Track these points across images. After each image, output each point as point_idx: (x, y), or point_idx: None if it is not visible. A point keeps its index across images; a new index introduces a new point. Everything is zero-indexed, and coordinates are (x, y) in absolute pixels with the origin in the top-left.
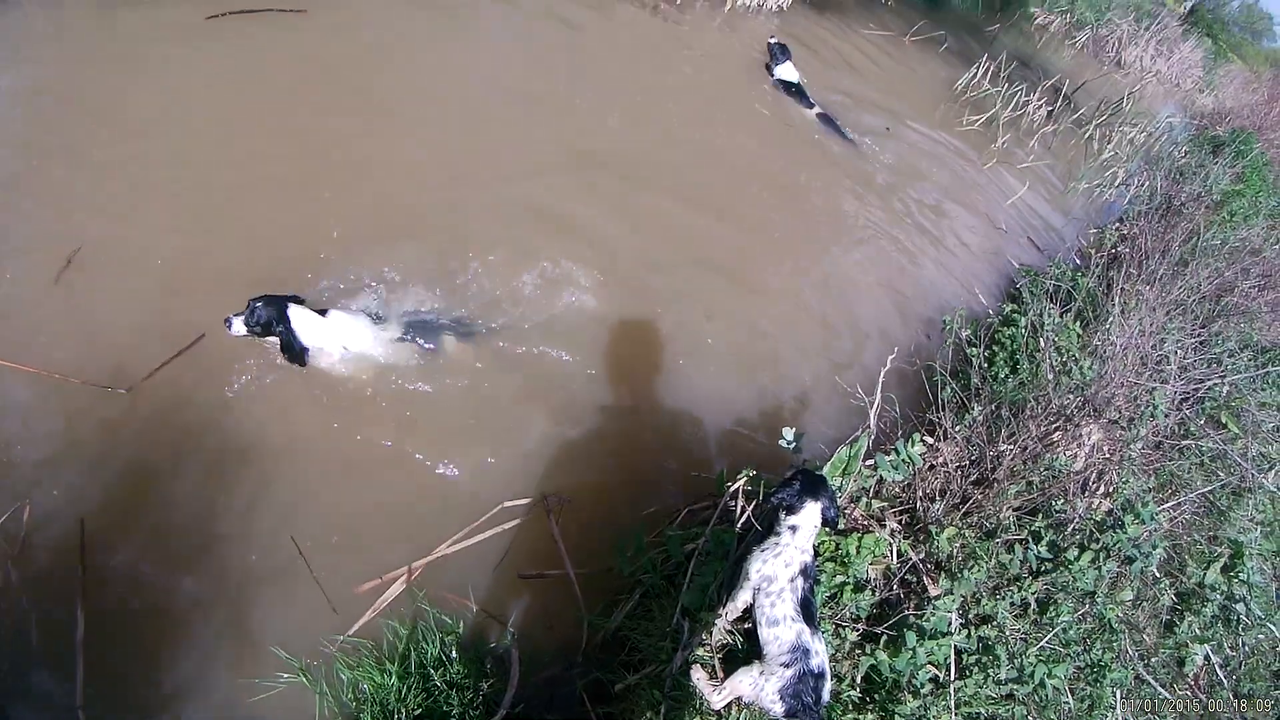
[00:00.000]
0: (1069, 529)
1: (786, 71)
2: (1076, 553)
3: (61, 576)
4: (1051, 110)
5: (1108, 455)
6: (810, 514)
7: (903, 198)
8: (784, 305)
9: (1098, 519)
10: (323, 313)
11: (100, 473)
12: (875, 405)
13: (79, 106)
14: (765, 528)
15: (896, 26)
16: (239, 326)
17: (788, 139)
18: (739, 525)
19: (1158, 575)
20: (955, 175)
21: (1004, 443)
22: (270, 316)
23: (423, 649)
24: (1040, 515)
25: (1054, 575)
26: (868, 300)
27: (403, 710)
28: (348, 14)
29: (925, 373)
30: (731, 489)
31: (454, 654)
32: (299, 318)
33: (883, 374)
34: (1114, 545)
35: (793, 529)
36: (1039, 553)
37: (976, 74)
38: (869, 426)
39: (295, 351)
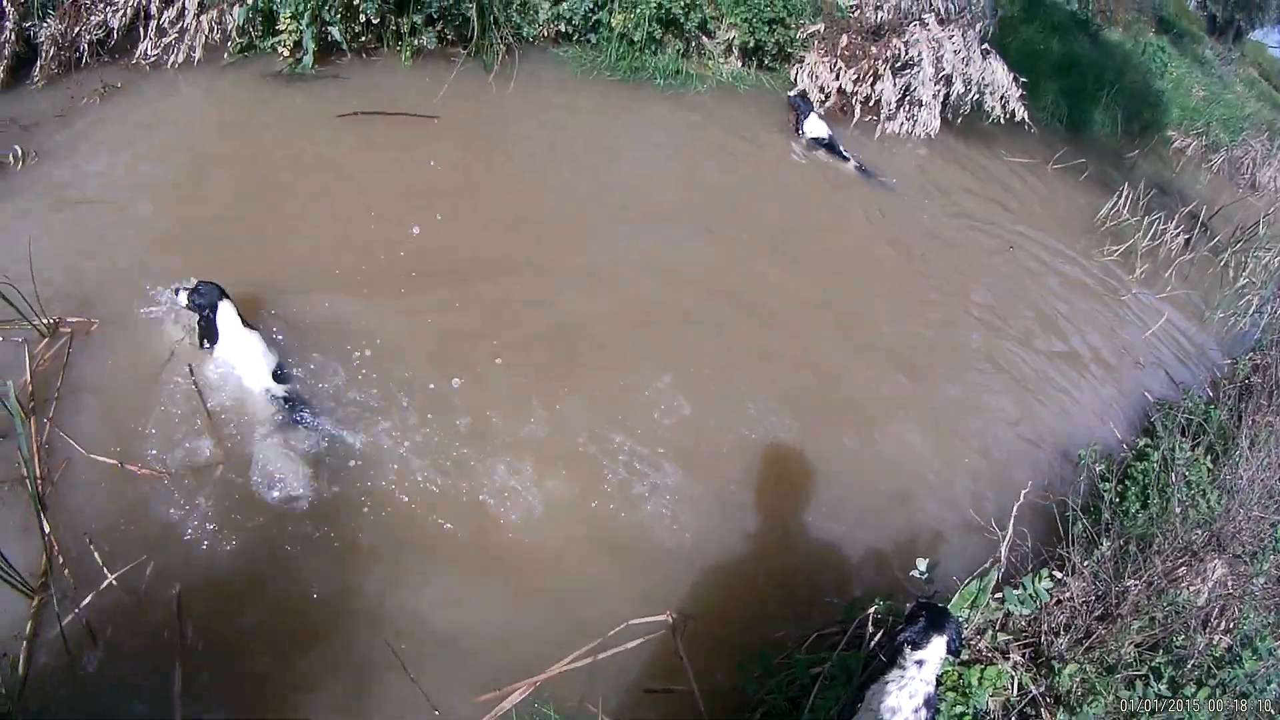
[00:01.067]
0: (1189, 665)
1: (816, 127)
2: (1194, 689)
3: (169, 632)
4: (1189, 239)
5: (1230, 590)
6: (936, 648)
7: (1038, 329)
8: (916, 434)
9: (1216, 654)
10: (247, 324)
11: (222, 539)
12: (1007, 539)
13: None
14: (889, 658)
15: (1040, 154)
16: (182, 298)
17: (918, 263)
18: (865, 651)
19: (1273, 712)
20: (1093, 306)
21: (1130, 578)
22: (208, 302)
23: None
24: (1161, 651)
25: (1170, 711)
26: (1000, 431)
27: None
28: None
29: (1058, 507)
30: (860, 616)
31: None
32: (226, 312)
33: (1015, 508)
34: (1230, 681)
35: (919, 663)
36: (1159, 690)
37: (1117, 203)
38: (999, 560)
39: (209, 336)
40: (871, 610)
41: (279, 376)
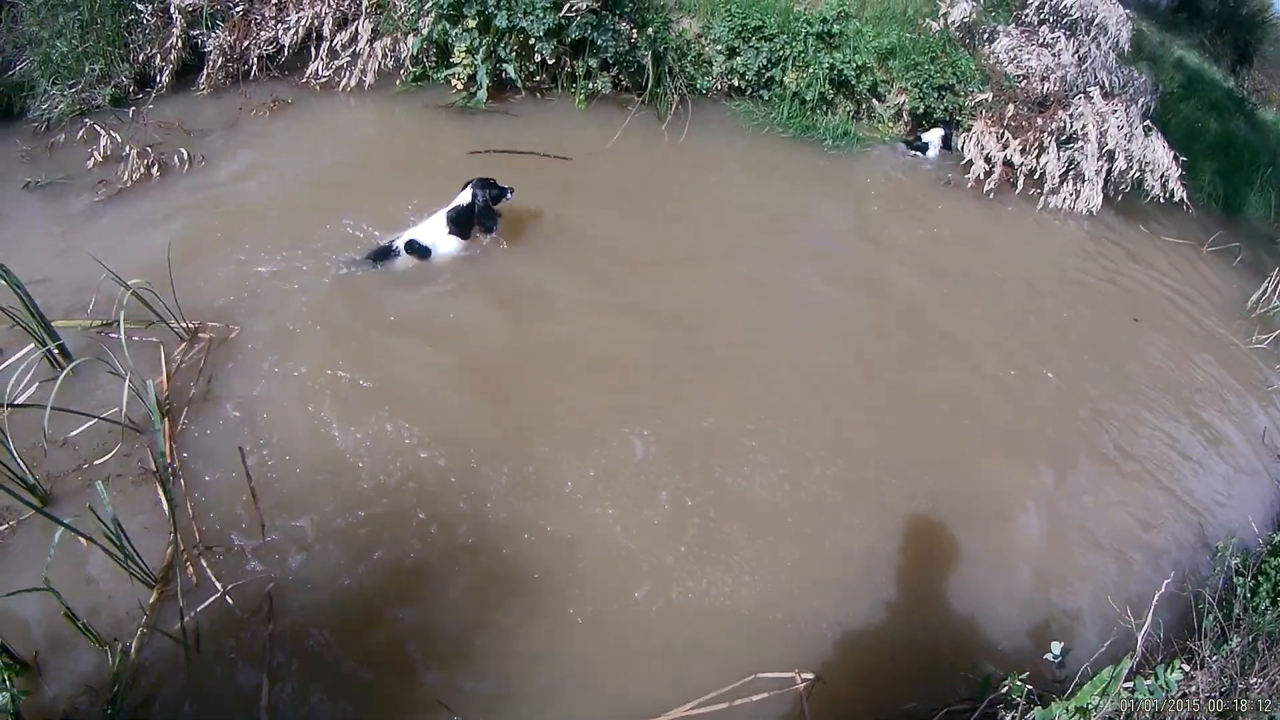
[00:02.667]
0: None
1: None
2: None
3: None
4: None
5: None
6: None
7: (1183, 416)
8: (1056, 519)
9: None
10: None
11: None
12: (1144, 629)
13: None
14: None
15: (1195, 235)
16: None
17: (1075, 343)
18: None
19: None
20: (1239, 395)
21: (1255, 676)
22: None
23: None
24: None
25: None
26: (1140, 521)
27: None
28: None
29: (1194, 600)
30: (992, 695)
31: None
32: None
33: (1155, 599)
34: None
35: None
36: None
37: (1268, 289)
38: (1135, 650)
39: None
40: (1004, 689)
41: None
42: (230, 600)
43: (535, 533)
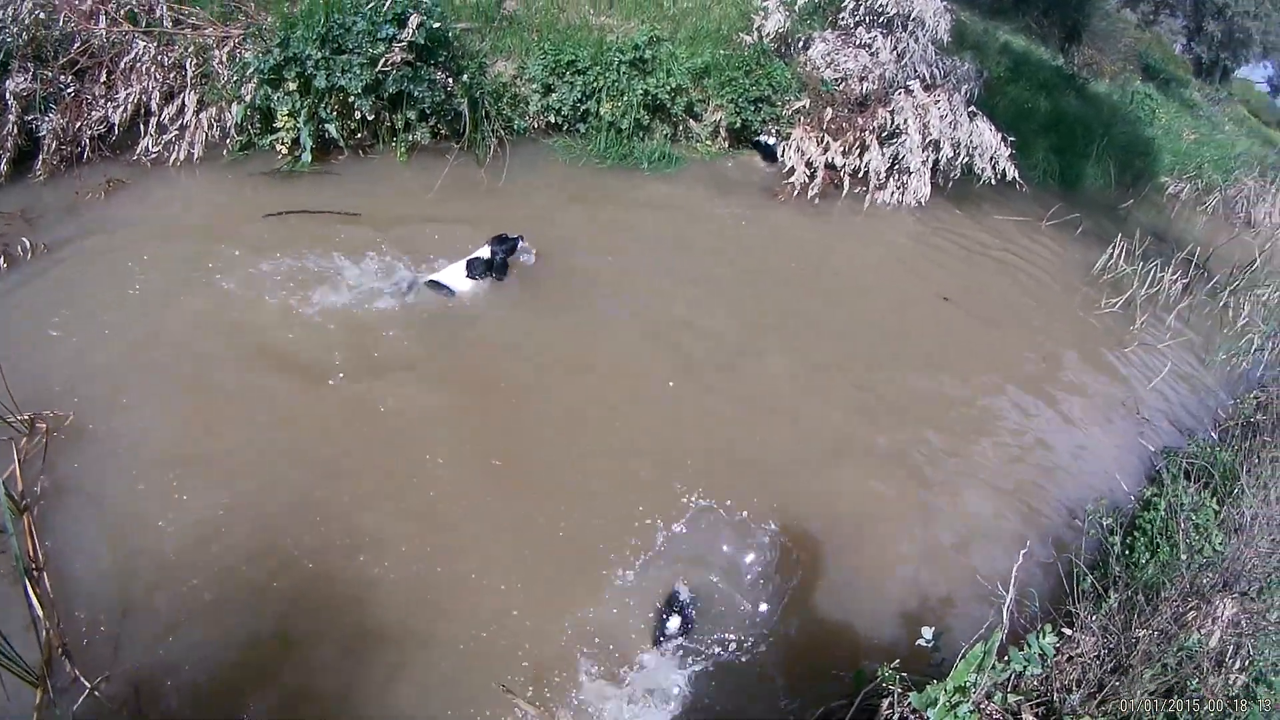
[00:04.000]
0: (1205, 708)
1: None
2: None
3: None
4: (1187, 284)
5: (1242, 628)
6: None
7: (1041, 389)
8: (918, 504)
9: (1232, 694)
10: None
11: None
12: (1008, 600)
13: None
14: None
15: (1033, 212)
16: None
17: (929, 331)
18: (882, 717)
19: None
20: (1096, 362)
21: (1139, 628)
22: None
23: None
24: (1176, 695)
25: None
26: (1006, 494)
27: None
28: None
29: (1064, 565)
30: (867, 688)
31: None
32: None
33: (1015, 569)
34: (1247, 718)
35: None
36: None
37: (1112, 255)
38: (1003, 622)
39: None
40: (877, 680)
41: None
42: (99, 694)
43: (393, 587)
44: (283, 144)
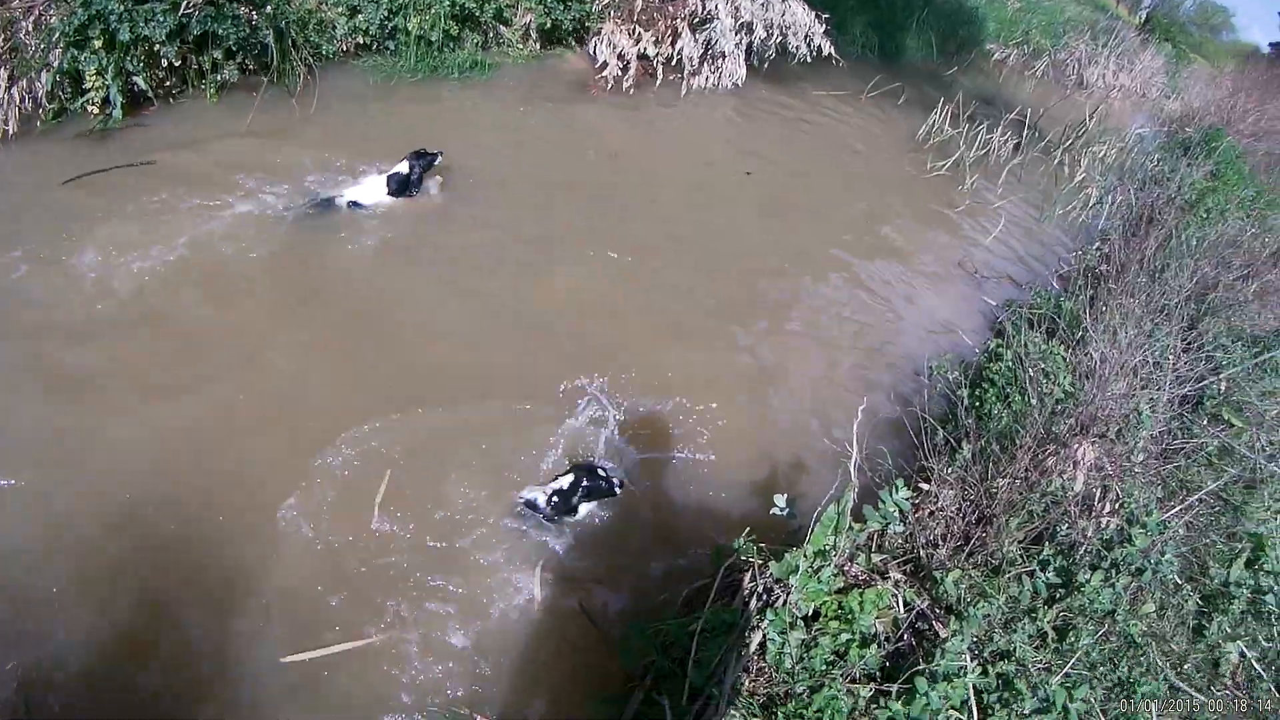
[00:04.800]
0: (1079, 552)
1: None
2: (1088, 573)
3: None
4: (1018, 143)
5: (1108, 471)
6: None
7: (875, 251)
8: (758, 371)
9: (1106, 536)
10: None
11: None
12: (854, 459)
13: None
14: None
15: (852, 86)
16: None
17: (765, 205)
18: (741, 596)
19: (1179, 582)
20: (927, 224)
21: (998, 478)
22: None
23: None
24: (1047, 543)
25: (1069, 600)
26: (850, 356)
27: None
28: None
29: (912, 421)
30: (726, 563)
31: None
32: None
33: (856, 425)
34: (1123, 560)
35: None
36: (1048, 579)
37: (936, 119)
38: (852, 481)
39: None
40: (734, 556)
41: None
42: None
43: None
44: (93, 104)
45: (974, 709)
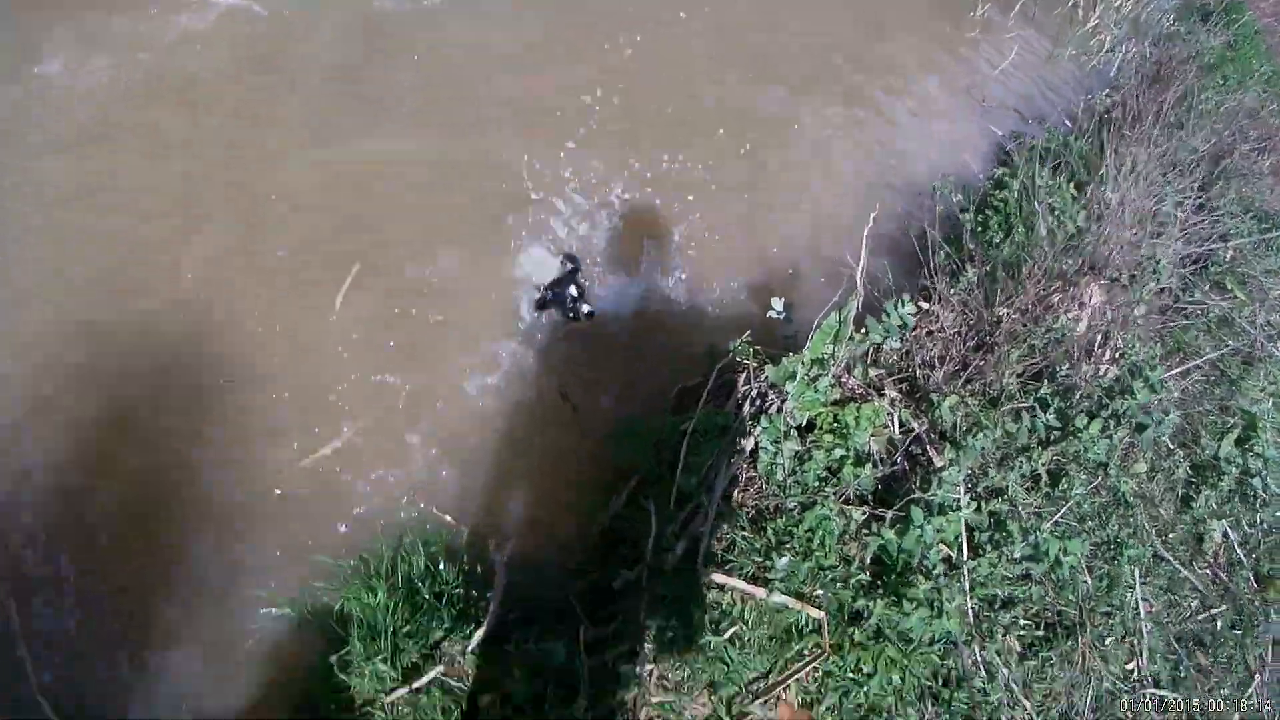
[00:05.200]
0: (1077, 395)
1: None
2: (1086, 420)
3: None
4: None
5: (1111, 318)
6: None
7: (881, 74)
8: (770, 180)
9: (1105, 385)
10: None
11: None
12: (860, 268)
13: None
14: None
15: None
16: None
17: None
18: (739, 393)
19: (1171, 447)
20: (934, 48)
21: (1001, 306)
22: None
23: (410, 562)
24: (1046, 381)
25: (1064, 445)
26: (855, 171)
27: (391, 626)
28: None
29: (917, 239)
30: (722, 364)
31: (441, 565)
32: None
33: (865, 233)
34: (1124, 412)
35: None
36: (1047, 421)
37: None
38: (857, 290)
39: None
40: (729, 357)
41: None
42: None
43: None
44: None
45: (965, 546)
